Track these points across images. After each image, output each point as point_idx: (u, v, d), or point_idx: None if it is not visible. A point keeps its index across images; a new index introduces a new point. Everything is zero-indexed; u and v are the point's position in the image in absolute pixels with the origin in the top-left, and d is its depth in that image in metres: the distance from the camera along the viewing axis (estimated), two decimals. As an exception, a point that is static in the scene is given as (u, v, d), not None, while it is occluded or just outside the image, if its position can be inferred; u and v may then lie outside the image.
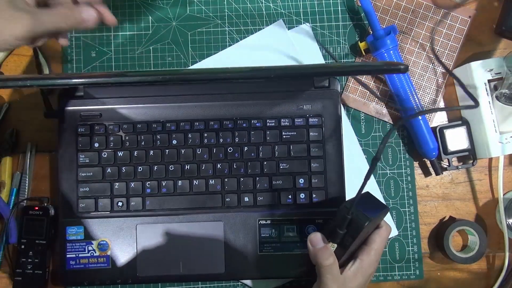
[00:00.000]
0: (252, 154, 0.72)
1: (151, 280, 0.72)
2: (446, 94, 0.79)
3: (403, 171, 0.79)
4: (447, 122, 0.79)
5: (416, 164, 0.79)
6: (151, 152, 0.72)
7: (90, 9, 0.57)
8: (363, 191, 0.61)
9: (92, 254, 0.71)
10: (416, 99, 0.75)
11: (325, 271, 0.60)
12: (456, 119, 0.79)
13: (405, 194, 0.78)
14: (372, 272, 0.64)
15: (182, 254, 0.71)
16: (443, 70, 0.79)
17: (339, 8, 0.80)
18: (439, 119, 0.79)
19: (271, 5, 0.79)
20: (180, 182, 0.72)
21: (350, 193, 0.75)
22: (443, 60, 0.79)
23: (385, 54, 0.74)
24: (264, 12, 0.79)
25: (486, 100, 0.74)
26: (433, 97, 0.79)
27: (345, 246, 0.61)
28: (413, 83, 0.77)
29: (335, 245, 0.62)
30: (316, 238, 0.63)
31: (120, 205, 0.72)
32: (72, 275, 0.72)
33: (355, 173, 0.76)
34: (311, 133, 0.73)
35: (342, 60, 0.79)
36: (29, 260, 0.72)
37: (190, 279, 0.74)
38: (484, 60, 0.74)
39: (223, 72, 0.54)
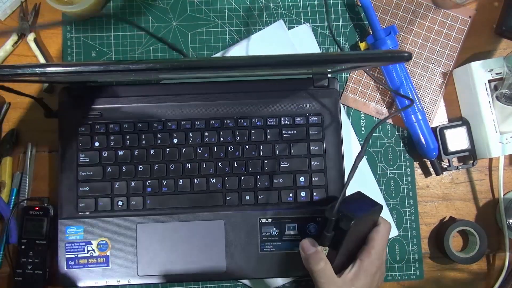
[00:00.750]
0: (253, 153, 0.72)
1: (151, 280, 0.72)
2: (446, 94, 0.79)
3: (403, 171, 0.79)
4: (447, 122, 0.79)
5: (416, 164, 0.79)
6: (152, 151, 0.72)
7: None
8: (357, 191, 0.61)
9: (91, 254, 0.71)
10: (416, 99, 0.75)
11: (317, 275, 0.60)
12: (456, 119, 0.79)
13: (405, 194, 0.78)
14: (376, 271, 0.63)
15: (183, 253, 0.71)
16: (443, 70, 0.79)
17: (339, 8, 0.80)
18: (439, 119, 0.80)
19: (271, 5, 0.79)
20: (180, 181, 0.72)
21: (350, 192, 0.75)
22: (443, 60, 0.79)
23: (385, 54, 0.74)
24: (264, 12, 0.79)
25: (486, 100, 0.74)
26: (433, 97, 0.79)
27: (336, 248, 0.61)
28: (413, 83, 0.77)
29: (328, 249, 0.62)
30: (306, 244, 0.63)
31: (120, 204, 0.72)
32: (71, 276, 0.71)
33: (355, 173, 0.76)
34: (311, 132, 0.73)
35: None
36: (29, 260, 0.72)
37: (191, 279, 0.74)
38: (484, 60, 0.74)
39: (227, 60, 0.54)
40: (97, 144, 0.72)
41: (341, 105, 0.75)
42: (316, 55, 0.63)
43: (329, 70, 0.73)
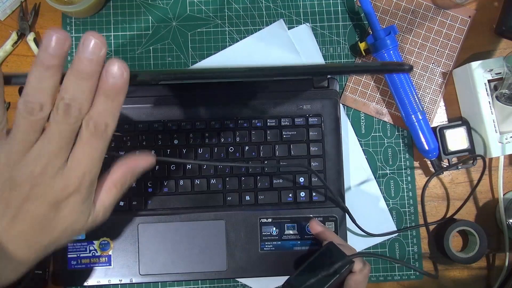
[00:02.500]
0: (253, 154, 0.73)
1: (153, 279, 0.72)
2: (446, 94, 0.79)
3: (403, 171, 0.79)
4: (447, 122, 0.79)
5: (416, 164, 0.79)
6: (152, 152, 0.72)
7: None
8: (327, 242, 0.61)
9: (93, 254, 0.71)
10: (417, 99, 0.75)
11: None
12: (456, 119, 0.79)
13: (405, 194, 0.78)
14: None
15: (184, 253, 0.71)
16: (443, 70, 0.79)
17: (339, 8, 0.80)
18: (439, 119, 0.80)
19: (271, 5, 0.79)
20: (181, 182, 0.72)
21: (350, 192, 0.75)
22: (443, 60, 0.79)
23: (385, 54, 0.74)
24: (264, 12, 0.79)
25: (486, 100, 0.74)
26: (433, 97, 0.79)
27: None
28: (413, 83, 0.77)
29: None
30: None
31: (122, 204, 0.72)
32: (73, 275, 0.71)
33: (355, 173, 0.76)
34: (310, 133, 0.73)
35: (342, 60, 0.79)
36: (29, 260, 0.72)
37: (192, 278, 0.74)
38: (484, 60, 0.74)
39: (227, 71, 0.54)
40: (97, 144, 0.72)
41: (340, 105, 0.76)
42: (318, 67, 0.63)
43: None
